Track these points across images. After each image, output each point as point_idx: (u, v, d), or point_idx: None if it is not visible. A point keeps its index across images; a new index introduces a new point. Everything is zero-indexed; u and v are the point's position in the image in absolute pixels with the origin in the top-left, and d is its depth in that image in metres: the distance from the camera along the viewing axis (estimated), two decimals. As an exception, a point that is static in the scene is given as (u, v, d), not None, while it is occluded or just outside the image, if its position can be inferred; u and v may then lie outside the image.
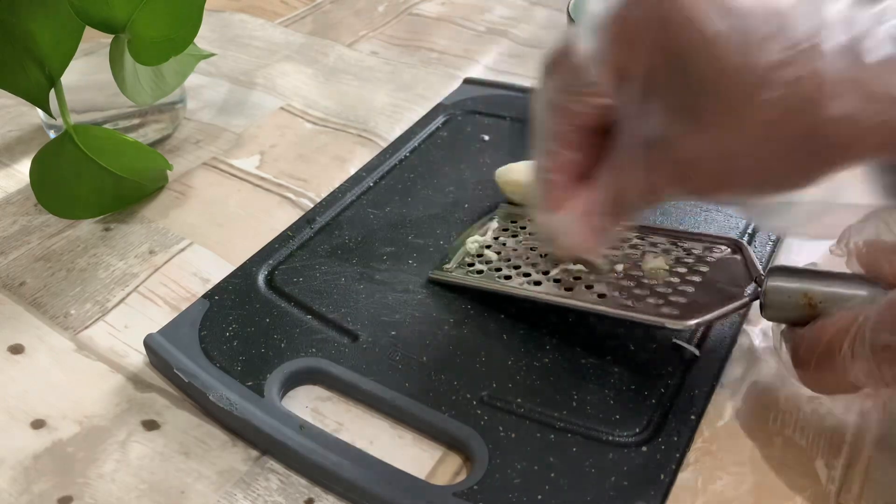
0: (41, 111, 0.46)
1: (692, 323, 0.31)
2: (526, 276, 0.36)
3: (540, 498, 0.29)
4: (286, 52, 0.60)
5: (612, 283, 0.35)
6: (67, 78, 0.40)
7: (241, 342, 0.35)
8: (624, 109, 0.29)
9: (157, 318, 0.38)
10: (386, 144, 0.49)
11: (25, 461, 0.32)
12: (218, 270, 0.40)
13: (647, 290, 0.34)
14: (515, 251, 0.38)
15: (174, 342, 0.35)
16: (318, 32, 0.63)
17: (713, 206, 0.41)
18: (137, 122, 0.49)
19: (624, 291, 0.34)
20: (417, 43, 0.61)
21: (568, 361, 0.34)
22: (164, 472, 0.31)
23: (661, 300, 0.33)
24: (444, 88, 0.55)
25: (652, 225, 0.38)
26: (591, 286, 0.35)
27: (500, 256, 0.38)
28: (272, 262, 0.39)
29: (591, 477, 0.29)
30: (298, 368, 0.34)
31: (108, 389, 0.35)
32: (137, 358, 0.36)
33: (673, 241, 0.37)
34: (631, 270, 0.35)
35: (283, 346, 0.35)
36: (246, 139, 0.51)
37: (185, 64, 0.47)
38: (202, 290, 0.39)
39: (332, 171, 0.47)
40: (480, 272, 0.37)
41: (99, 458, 0.32)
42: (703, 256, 0.36)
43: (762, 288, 0.31)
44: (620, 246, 0.37)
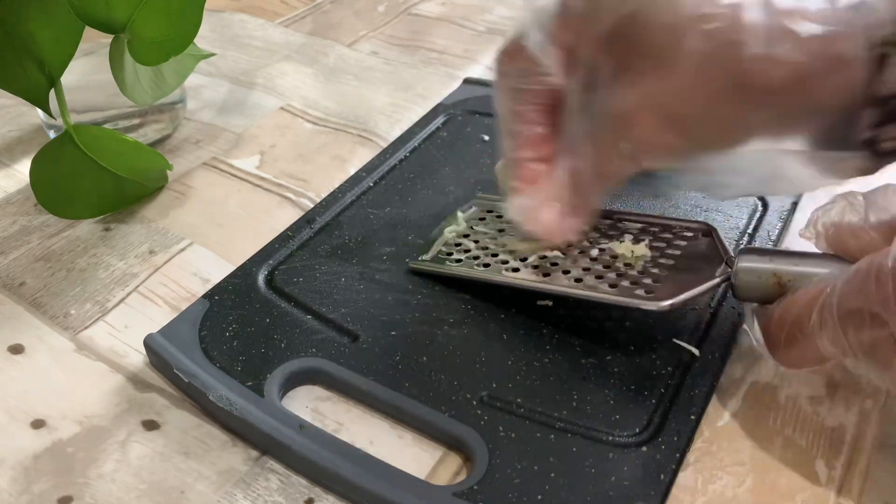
0: (41, 111, 0.46)
1: (666, 304, 0.32)
2: (504, 263, 0.37)
3: (540, 498, 0.29)
4: (286, 52, 0.60)
5: (588, 267, 0.35)
6: (67, 78, 0.40)
7: (241, 342, 0.35)
8: (571, 88, 0.32)
9: (157, 318, 0.38)
10: (386, 144, 0.49)
11: (25, 461, 0.32)
12: (218, 270, 0.40)
13: (621, 273, 0.35)
14: (494, 239, 0.38)
15: (174, 342, 0.35)
16: (318, 32, 0.63)
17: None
18: (137, 122, 0.49)
19: (599, 276, 0.35)
20: (417, 43, 0.62)
21: (568, 361, 0.34)
22: (164, 472, 0.31)
23: (635, 283, 0.34)
24: (444, 88, 0.55)
25: (625, 210, 0.39)
26: (567, 271, 0.35)
27: (477, 245, 0.38)
28: (272, 262, 0.39)
29: (591, 477, 0.29)
30: (298, 368, 0.34)
31: (108, 389, 0.35)
32: (137, 358, 0.36)
33: (645, 225, 0.38)
34: (606, 255, 0.36)
35: (283, 346, 0.35)
36: (246, 139, 0.51)
37: (185, 64, 0.47)
38: (202, 290, 0.39)
39: (332, 171, 0.47)
40: (459, 261, 0.38)
41: (99, 458, 0.32)
42: (675, 240, 0.36)
43: (733, 269, 0.32)
44: (587, 233, 0.37)
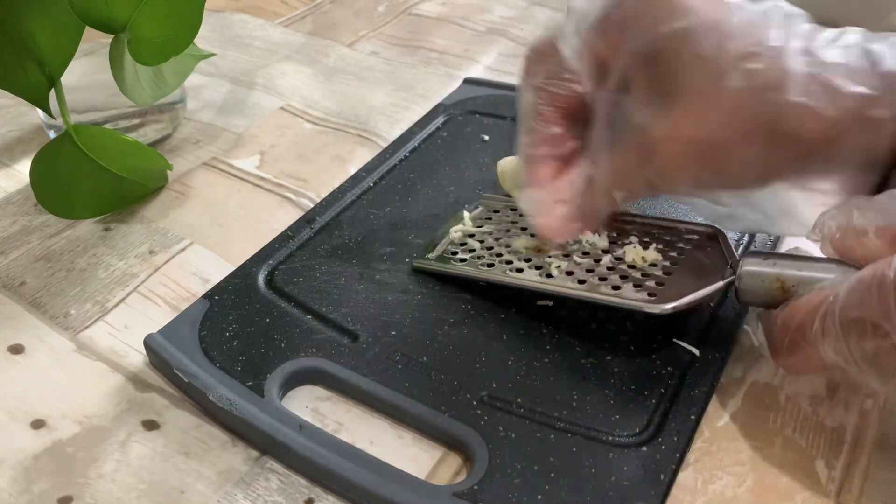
0: (41, 111, 0.46)
1: (668, 307, 0.32)
2: (508, 263, 0.37)
3: (540, 498, 0.29)
4: (286, 52, 0.60)
5: (591, 269, 0.35)
6: (67, 78, 0.40)
7: (241, 342, 0.35)
8: (600, 98, 0.32)
9: (157, 318, 0.38)
10: (386, 144, 0.49)
11: (25, 461, 0.32)
12: (218, 270, 0.40)
13: (625, 275, 0.35)
14: (498, 240, 0.38)
15: (174, 342, 0.35)
16: (318, 32, 0.63)
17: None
18: (137, 122, 0.49)
19: (603, 277, 0.35)
20: (417, 43, 0.62)
21: (568, 361, 0.34)
22: (164, 472, 0.31)
23: (638, 285, 0.34)
24: (444, 88, 0.55)
25: (631, 212, 0.39)
26: (571, 272, 0.35)
27: (482, 245, 0.38)
28: (272, 262, 0.39)
29: (591, 477, 0.29)
30: (298, 368, 0.34)
31: (108, 389, 0.35)
32: (137, 358, 0.36)
33: (651, 228, 0.38)
34: (611, 257, 0.36)
35: (283, 346, 0.35)
36: (246, 139, 0.51)
37: (185, 64, 0.47)
38: (202, 290, 0.39)
39: (332, 171, 0.47)
40: (463, 260, 0.38)
41: (99, 458, 0.32)
42: (680, 243, 0.36)
43: (736, 273, 0.31)
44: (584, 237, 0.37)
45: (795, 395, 0.33)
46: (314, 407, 0.33)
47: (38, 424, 0.33)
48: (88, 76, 0.46)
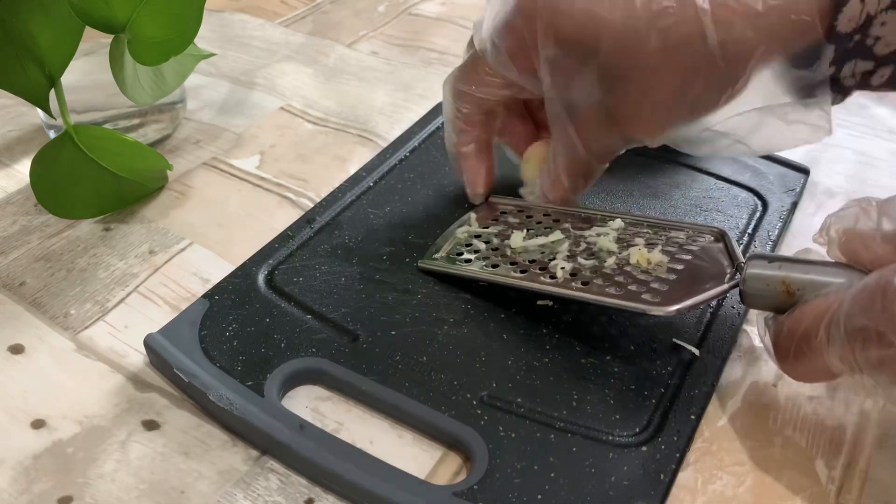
0: (41, 111, 0.46)
1: (672, 309, 0.32)
2: (513, 264, 0.37)
3: (540, 498, 0.29)
4: (286, 52, 0.60)
5: (596, 270, 0.35)
6: (67, 78, 0.40)
7: (241, 342, 0.35)
8: (543, 89, 0.35)
9: (157, 318, 0.38)
10: (386, 144, 0.49)
11: (25, 461, 0.32)
12: (218, 270, 0.40)
13: (630, 278, 0.34)
14: (504, 241, 0.38)
15: (174, 342, 0.35)
16: (318, 32, 0.63)
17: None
18: (137, 122, 0.49)
19: (608, 279, 0.35)
20: (417, 43, 0.62)
21: (568, 361, 0.34)
22: (164, 472, 0.31)
23: (643, 287, 0.34)
24: (444, 88, 0.55)
25: (637, 214, 0.39)
26: (576, 274, 0.35)
27: (487, 246, 0.38)
28: (272, 261, 0.39)
29: (591, 477, 0.29)
30: (298, 368, 0.34)
31: (108, 389, 0.35)
32: (137, 358, 0.36)
33: (657, 230, 0.38)
34: (617, 260, 0.36)
35: (283, 346, 0.35)
36: (246, 139, 0.51)
37: (185, 64, 0.47)
38: (202, 290, 0.39)
39: (332, 171, 0.47)
40: (468, 261, 0.38)
41: (99, 458, 0.32)
42: (686, 245, 0.36)
43: (742, 275, 0.31)
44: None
45: (795, 395, 0.33)
46: (314, 407, 0.33)
47: (38, 424, 0.33)
48: (88, 76, 0.46)
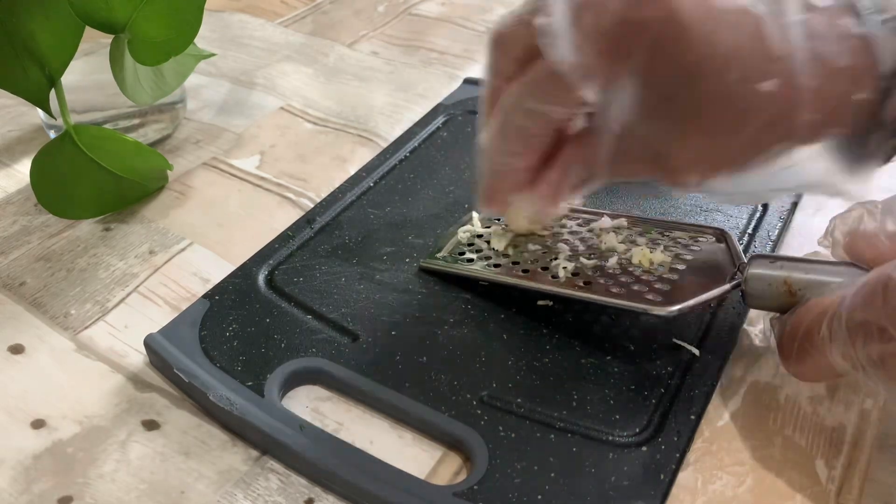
0: (41, 111, 0.46)
1: (674, 309, 0.32)
2: (515, 264, 0.37)
3: (540, 498, 0.29)
4: (286, 52, 0.60)
5: (599, 270, 0.35)
6: (67, 78, 0.40)
7: (241, 342, 0.35)
8: (600, 105, 0.29)
9: (157, 318, 0.38)
10: (386, 144, 0.49)
11: (25, 461, 0.32)
12: (218, 270, 0.40)
13: (632, 277, 0.35)
14: (505, 241, 0.38)
15: (174, 342, 0.35)
16: (318, 32, 0.63)
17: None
18: (137, 122, 0.49)
19: (610, 279, 0.35)
20: (417, 43, 0.61)
21: (568, 361, 0.34)
22: (164, 472, 0.31)
23: (645, 287, 0.34)
24: (444, 88, 0.55)
25: (638, 215, 0.39)
26: (577, 274, 0.35)
27: (489, 246, 0.38)
28: (272, 262, 0.39)
29: (591, 477, 0.29)
30: (298, 368, 0.34)
31: (108, 389, 0.35)
32: (137, 358, 0.36)
33: (659, 230, 0.38)
34: (619, 259, 0.36)
35: (283, 346, 0.35)
36: (246, 139, 0.51)
37: (185, 64, 0.47)
38: (202, 290, 0.39)
39: (332, 171, 0.47)
40: (470, 261, 0.38)
41: (99, 458, 0.32)
42: (688, 245, 0.36)
43: (743, 275, 0.31)
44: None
45: (795, 394, 0.33)
46: (314, 407, 0.33)
47: (38, 424, 0.33)
48: (88, 76, 0.46)
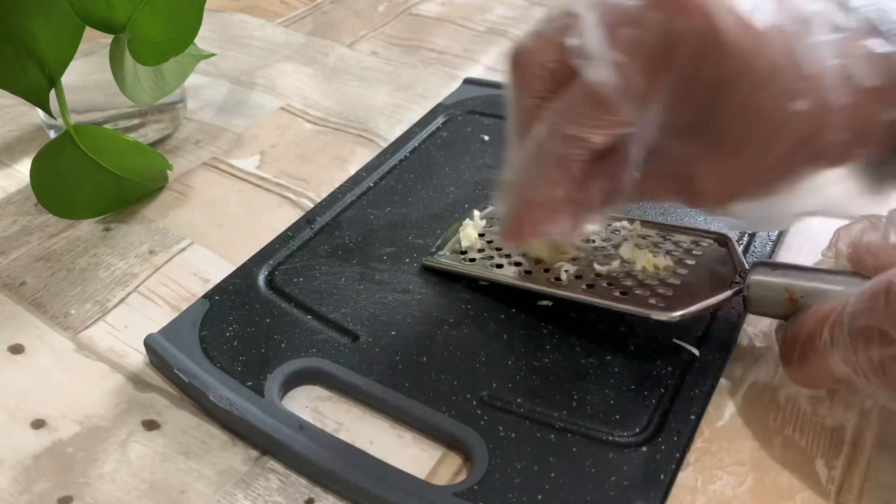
0: (41, 111, 0.46)
1: (676, 314, 0.32)
2: (517, 265, 0.37)
3: (540, 498, 0.29)
4: (286, 52, 0.60)
5: (600, 273, 0.35)
6: (67, 78, 0.40)
7: (241, 342, 0.35)
8: (634, 126, 0.28)
9: (157, 318, 0.38)
10: (386, 144, 0.49)
11: (25, 461, 0.32)
12: (218, 270, 0.40)
13: (635, 281, 0.35)
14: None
15: (174, 342, 0.35)
16: (318, 32, 0.63)
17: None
18: (137, 122, 0.49)
19: (612, 282, 0.35)
20: (417, 43, 0.61)
21: (568, 361, 0.34)
22: (164, 472, 0.31)
23: (648, 292, 0.34)
24: (444, 88, 0.55)
25: (641, 218, 0.39)
26: (580, 276, 0.35)
27: (491, 245, 0.38)
28: (272, 262, 0.39)
29: (591, 477, 0.29)
30: (298, 368, 0.34)
31: (108, 389, 0.35)
32: (137, 358, 0.36)
33: (662, 234, 0.38)
34: (620, 262, 0.36)
35: (283, 346, 0.35)
36: (246, 139, 0.51)
37: (185, 64, 0.47)
38: (202, 290, 0.39)
39: (332, 171, 0.47)
40: (473, 260, 0.38)
41: (99, 458, 0.32)
42: (690, 250, 0.36)
43: (745, 282, 0.31)
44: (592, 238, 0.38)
45: (795, 395, 0.33)
46: (314, 407, 0.33)
47: (38, 424, 0.33)
48: (88, 76, 0.46)
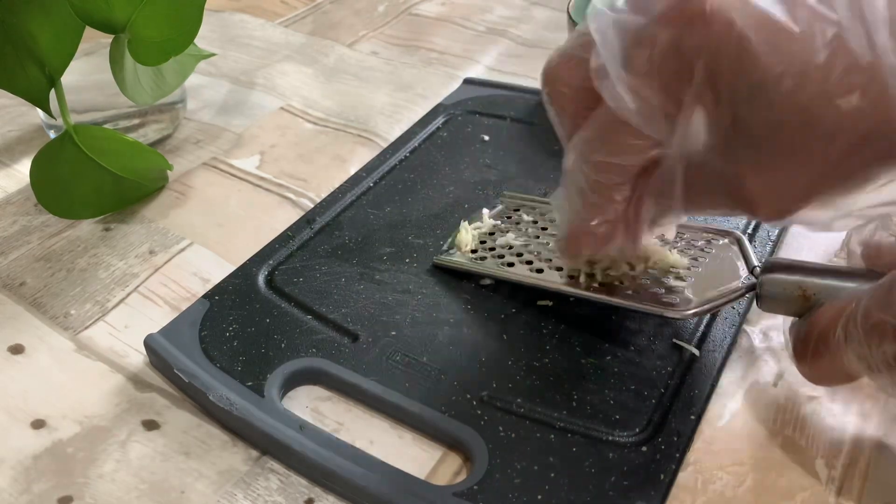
0: (41, 111, 0.46)
1: (689, 313, 0.32)
2: (528, 263, 0.37)
3: (540, 498, 0.29)
4: (286, 52, 0.60)
5: (611, 271, 0.35)
6: (67, 78, 0.40)
7: (241, 342, 0.35)
8: (670, 145, 0.27)
9: (157, 318, 0.38)
10: (386, 144, 0.49)
11: (25, 461, 0.32)
12: (218, 270, 0.40)
13: (647, 279, 0.35)
14: (518, 239, 0.38)
15: (174, 342, 0.35)
16: (318, 32, 0.63)
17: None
18: (137, 122, 0.49)
19: (624, 281, 0.35)
20: (417, 43, 0.61)
21: (568, 361, 0.34)
22: (164, 472, 0.31)
23: (660, 290, 0.34)
24: (444, 88, 0.55)
25: None
26: (592, 274, 0.35)
27: (503, 243, 0.38)
28: (272, 262, 0.39)
29: (591, 477, 0.29)
30: (298, 368, 0.34)
31: (108, 389, 0.35)
32: (137, 358, 0.36)
33: (675, 232, 0.37)
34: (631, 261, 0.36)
35: (283, 346, 0.35)
36: (246, 139, 0.51)
37: (185, 64, 0.47)
38: (202, 290, 0.39)
39: (332, 171, 0.47)
40: (483, 259, 0.38)
41: (99, 458, 0.32)
42: (703, 248, 0.36)
43: (758, 280, 0.31)
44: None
45: (795, 395, 0.33)
46: (314, 407, 0.33)
47: (38, 424, 0.33)
48: (88, 76, 0.46)
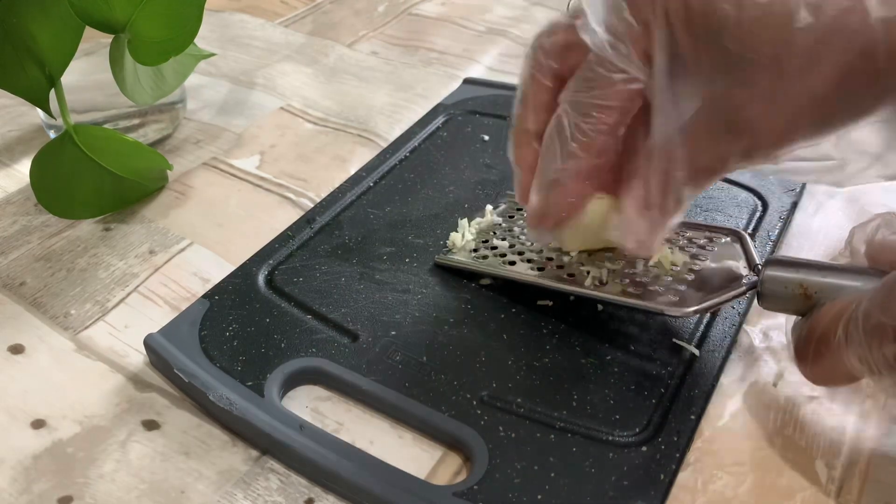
0: (41, 111, 0.46)
1: (690, 310, 0.32)
2: (529, 262, 0.37)
3: (540, 498, 0.29)
4: (286, 52, 0.60)
5: (613, 269, 0.35)
6: (67, 78, 0.40)
7: (241, 342, 0.35)
8: (651, 88, 0.28)
9: (157, 318, 0.38)
10: (386, 144, 0.49)
11: (25, 461, 0.32)
12: (218, 270, 0.40)
13: (648, 277, 0.35)
14: (520, 238, 0.38)
15: (174, 342, 0.35)
16: (318, 32, 0.63)
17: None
18: (137, 122, 0.49)
19: (625, 279, 0.35)
20: (417, 43, 0.61)
21: (568, 361, 0.34)
22: (164, 471, 0.31)
23: (661, 288, 0.34)
24: (444, 88, 0.55)
25: None
26: (592, 272, 0.35)
27: (505, 242, 0.38)
28: (272, 262, 0.39)
29: (591, 477, 0.29)
30: (298, 368, 0.34)
31: (108, 389, 0.35)
32: (137, 358, 0.36)
33: (676, 230, 0.37)
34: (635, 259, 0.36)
35: (283, 346, 0.35)
36: (246, 139, 0.51)
37: (185, 64, 0.47)
38: (202, 290, 0.39)
39: (332, 171, 0.47)
40: (485, 257, 0.38)
41: (99, 458, 0.32)
42: (704, 246, 0.36)
43: (759, 278, 0.31)
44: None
45: (795, 395, 0.33)
46: (314, 407, 0.33)
47: (38, 424, 0.33)
48: (88, 76, 0.46)
